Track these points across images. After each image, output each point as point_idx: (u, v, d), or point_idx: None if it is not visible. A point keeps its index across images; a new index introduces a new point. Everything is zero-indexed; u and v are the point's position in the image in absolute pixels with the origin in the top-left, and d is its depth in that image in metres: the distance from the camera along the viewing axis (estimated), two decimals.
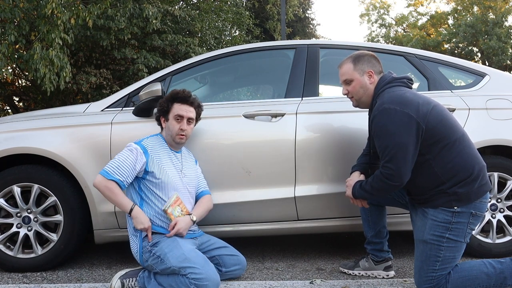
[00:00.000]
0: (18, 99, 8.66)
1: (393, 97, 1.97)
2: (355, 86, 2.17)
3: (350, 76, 2.17)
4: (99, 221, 2.58)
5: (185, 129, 2.39)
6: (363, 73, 2.15)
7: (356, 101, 2.22)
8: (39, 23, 5.16)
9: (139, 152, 2.29)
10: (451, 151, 1.91)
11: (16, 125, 2.67)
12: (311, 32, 21.01)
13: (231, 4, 11.67)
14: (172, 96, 2.41)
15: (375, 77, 2.15)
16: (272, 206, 2.62)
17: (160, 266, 2.13)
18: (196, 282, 2.00)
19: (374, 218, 2.37)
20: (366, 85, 2.15)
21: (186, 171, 2.42)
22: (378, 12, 27.65)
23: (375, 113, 1.97)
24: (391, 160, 1.91)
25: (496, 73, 2.92)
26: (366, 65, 2.16)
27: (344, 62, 2.21)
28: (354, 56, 2.20)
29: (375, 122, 1.97)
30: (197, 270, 2.02)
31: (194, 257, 2.09)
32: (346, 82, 2.20)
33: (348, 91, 2.21)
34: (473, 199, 1.90)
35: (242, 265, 2.39)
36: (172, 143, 2.42)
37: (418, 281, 1.98)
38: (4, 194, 2.57)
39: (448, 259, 1.91)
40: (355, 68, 2.16)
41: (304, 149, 2.61)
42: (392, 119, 1.90)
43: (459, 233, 1.91)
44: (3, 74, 5.27)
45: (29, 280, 2.48)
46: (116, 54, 7.34)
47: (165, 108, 2.41)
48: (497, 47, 18.89)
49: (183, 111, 2.39)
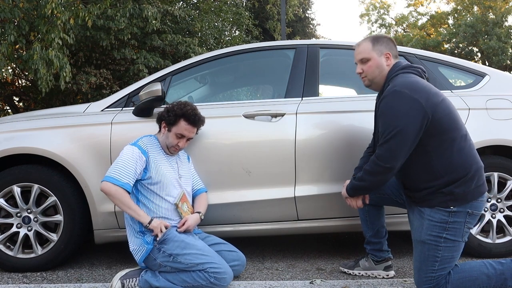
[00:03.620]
0: (18, 99, 8.66)
1: (406, 82, 1.95)
2: (371, 65, 2.12)
3: (368, 55, 2.12)
4: (99, 221, 2.58)
5: (182, 146, 2.41)
6: (381, 54, 2.11)
7: (369, 80, 2.16)
8: (38, 23, 5.16)
9: (139, 154, 2.30)
10: (451, 147, 1.90)
11: (16, 125, 2.67)
12: (311, 32, 21.00)
13: (231, 4, 11.67)
14: (182, 112, 2.36)
15: (392, 60, 2.12)
16: (272, 206, 2.62)
17: (173, 264, 2.16)
18: (216, 276, 2.09)
19: (372, 218, 2.36)
20: (382, 66, 2.11)
21: (182, 172, 2.44)
22: (378, 12, 27.66)
23: (386, 94, 1.95)
24: (389, 141, 1.90)
25: (496, 73, 2.92)
26: (385, 46, 2.13)
27: (362, 41, 2.17)
28: (374, 36, 2.18)
29: (384, 102, 1.95)
30: (215, 264, 2.12)
31: (209, 253, 2.18)
32: (362, 61, 2.15)
33: (362, 70, 2.15)
34: (470, 199, 1.90)
35: (242, 261, 2.39)
36: (165, 149, 2.43)
37: (417, 282, 1.98)
38: (4, 194, 2.57)
39: (447, 259, 1.91)
40: (373, 48, 2.12)
41: (304, 149, 2.60)
42: (401, 102, 1.89)
43: (456, 232, 1.90)
44: (3, 74, 5.26)
45: (29, 280, 2.48)
46: (116, 54, 7.35)
47: (171, 120, 2.37)
48: (497, 47, 18.89)
49: (186, 131, 2.38)
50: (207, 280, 2.09)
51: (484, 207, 2.15)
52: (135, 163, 2.26)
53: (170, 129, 2.39)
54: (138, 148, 2.31)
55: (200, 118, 2.42)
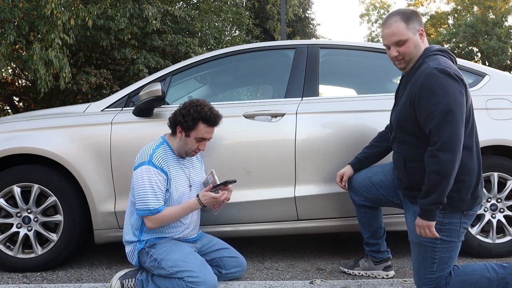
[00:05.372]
0: (18, 99, 8.66)
1: (449, 64, 1.83)
2: (409, 46, 1.93)
3: (404, 36, 1.92)
4: (99, 221, 2.58)
5: (203, 149, 2.29)
6: (415, 32, 1.94)
7: (406, 62, 1.97)
8: (38, 23, 5.16)
9: (158, 173, 2.17)
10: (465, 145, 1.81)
11: (16, 125, 2.67)
12: (311, 32, 21.01)
13: (231, 4, 11.67)
14: (201, 116, 2.19)
15: (424, 35, 1.98)
16: (272, 206, 2.62)
17: (157, 270, 2.13)
18: (193, 286, 2.01)
19: (369, 220, 2.35)
20: (420, 44, 1.94)
21: (194, 177, 2.37)
22: (378, 12, 27.69)
23: (428, 71, 1.80)
24: (444, 124, 1.72)
25: (496, 73, 2.92)
26: (418, 23, 1.95)
27: (392, 21, 1.95)
28: (403, 13, 1.96)
29: (429, 81, 1.78)
30: (193, 273, 2.03)
31: (191, 260, 2.10)
32: (398, 43, 1.94)
33: (399, 52, 1.95)
34: (465, 208, 1.85)
35: (242, 267, 2.38)
36: (182, 155, 2.29)
37: (417, 283, 1.97)
38: (4, 194, 2.57)
39: (445, 259, 1.89)
40: (408, 26, 1.92)
41: (304, 149, 2.60)
42: (450, 81, 1.76)
43: (452, 233, 1.87)
44: (3, 74, 5.26)
45: (29, 280, 2.48)
46: (116, 54, 7.35)
47: (189, 125, 2.20)
48: (497, 47, 18.90)
49: (207, 134, 2.24)
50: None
51: (480, 207, 2.11)
52: (157, 184, 2.15)
53: (188, 134, 2.22)
54: (155, 168, 2.17)
55: (219, 116, 2.26)
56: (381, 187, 2.24)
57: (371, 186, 2.27)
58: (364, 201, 2.32)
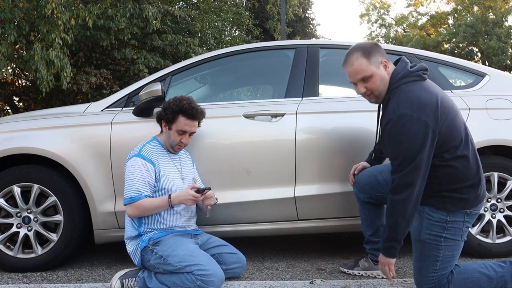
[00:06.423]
0: (18, 99, 8.65)
1: (410, 100, 1.82)
2: (375, 81, 1.93)
3: (368, 72, 1.92)
4: (99, 221, 2.58)
5: (186, 142, 2.39)
6: (379, 65, 1.93)
7: (376, 97, 1.98)
8: (39, 23, 5.16)
9: (145, 164, 2.27)
10: (455, 153, 1.85)
11: (16, 125, 2.67)
12: (311, 32, 21.00)
13: (231, 4, 11.67)
14: (179, 108, 2.33)
15: (389, 65, 1.96)
16: (272, 206, 2.62)
17: (164, 266, 2.14)
18: (203, 278, 2.04)
19: (372, 217, 2.37)
20: (385, 77, 1.93)
21: (185, 173, 2.44)
22: (378, 12, 27.69)
23: (391, 118, 1.83)
24: (402, 169, 1.80)
25: (496, 73, 2.92)
26: (379, 55, 1.94)
27: (353, 59, 1.94)
28: (362, 48, 1.95)
29: (388, 129, 1.84)
30: (203, 266, 2.06)
31: (197, 254, 2.14)
32: (363, 79, 1.94)
33: (367, 88, 1.95)
34: (468, 207, 1.88)
35: (242, 263, 2.39)
36: (169, 149, 2.41)
37: (418, 282, 1.98)
38: (4, 194, 2.57)
39: (448, 258, 1.91)
40: (370, 61, 1.91)
41: (304, 149, 2.60)
42: (408, 128, 1.78)
43: (455, 232, 1.90)
44: (3, 74, 5.26)
45: (29, 280, 2.48)
46: (116, 54, 7.35)
47: (169, 118, 2.35)
48: (497, 47, 18.89)
49: (187, 126, 2.34)
50: (194, 283, 2.04)
51: (482, 207, 2.13)
52: (142, 173, 2.25)
53: (170, 127, 2.36)
54: (143, 159, 2.28)
55: (198, 110, 2.37)
56: (386, 185, 2.25)
57: (377, 184, 2.29)
58: (369, 199, 2.34)
